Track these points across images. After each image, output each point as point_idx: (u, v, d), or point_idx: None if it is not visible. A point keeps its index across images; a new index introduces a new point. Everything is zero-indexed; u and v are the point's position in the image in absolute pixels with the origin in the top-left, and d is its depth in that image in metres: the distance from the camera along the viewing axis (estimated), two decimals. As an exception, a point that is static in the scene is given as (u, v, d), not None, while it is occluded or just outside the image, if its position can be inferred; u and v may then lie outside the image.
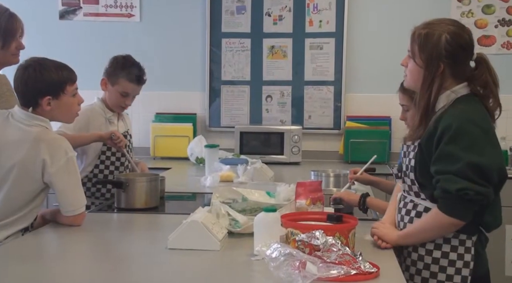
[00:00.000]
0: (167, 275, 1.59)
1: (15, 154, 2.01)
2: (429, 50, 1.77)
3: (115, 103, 2.82)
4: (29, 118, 2.05)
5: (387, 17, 4.18)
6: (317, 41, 4.21)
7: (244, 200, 2.23)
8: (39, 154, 2.00)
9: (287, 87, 4.26)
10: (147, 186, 2.41)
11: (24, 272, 1.60)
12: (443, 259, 1.77)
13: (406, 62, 1.87)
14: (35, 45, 2.77)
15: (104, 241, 1.99)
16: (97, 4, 4.30)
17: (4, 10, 2.35)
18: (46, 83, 2.06)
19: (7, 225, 2.01)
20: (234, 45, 4.27)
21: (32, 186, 2.03)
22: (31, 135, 2.02)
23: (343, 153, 4.08)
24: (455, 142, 1.69)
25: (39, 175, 2.01)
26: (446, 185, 1.67)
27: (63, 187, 2.03)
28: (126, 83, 2.78)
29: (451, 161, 1.68)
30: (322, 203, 2.05)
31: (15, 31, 2.34)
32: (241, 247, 1.79)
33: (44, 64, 2.09)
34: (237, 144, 3.99)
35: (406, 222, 1.84)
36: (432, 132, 1.74)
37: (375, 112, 4.15)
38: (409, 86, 1.91)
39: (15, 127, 2.04)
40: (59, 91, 2.09)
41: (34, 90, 2.06)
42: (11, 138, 2.02)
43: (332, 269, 1.45)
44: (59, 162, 2.01)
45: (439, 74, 1.77)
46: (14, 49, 2.36)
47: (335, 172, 2.88)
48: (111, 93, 2.80)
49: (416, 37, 1.80)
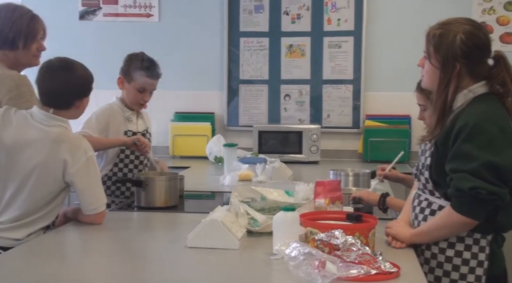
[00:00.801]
0: (186, 274, 1.59)
1: (36, 155, 2.03)
2: (444, 51, 1.76)
3: (133, 100, 2.83)
4: (49, 119, 2.07)
5: (407, 14, 4.14)
6: (336, 40, 4.19)
7: (263, 199, 2.23)
8: (60, 154, 2.03)
9: (306, 86, 4.25)
10: (166, 184, 2.42)
11: (45, 269, 1.62)
12: (456, 257, 1.75)
13: (422, 63, 1.86)
14: (55, 45, 2.80)
15: (124, 239, 2.00)
16: (116, 4, 4.33)
17: (27, 11, 2.37)
18: (84, 85, 2.13)
19: (29, 223, 2.03)
20: (252, 44, 4.27)
21: (53, 185, 2.06)
22: (51, 136, 2.05)
23: (362, 152, 4.06)
24: (471, 140, 1.67)
25: (60, 175, 2.04)
26: (459, 183, 1.66)
27: (84, 186, 2.05)
28: (142, 78, 2.80)
29: (467, 159, 1.66)
30: (341, 202, 2.04)
31: (36, 32, 2.37)
32: (260, 246, 1.79)
33: (81, 66, 2.13)
34: (256, 143, 3.99)
35: (420, 220, 1.83)
36: (448, 131, 1.73)
37: (394, 111, 4.12)
38: (426, 87, 1.89)
39: (35, 128, 2.06)
40: (87, 93, 2.15)
41: (74, 91, 2.09)
42: (32, 139, 2.04)
43: (352, 269, 1.45)
44: (79, 161, 2.04)
45: (455, 75, 1.76)
46: (35, 50, 2.38)
47: (354, 171, 2.86)
48: (129, 91, 2.83)
49: (431, 38, 1.79)
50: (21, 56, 2.35)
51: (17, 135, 2.05)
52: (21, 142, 2.04)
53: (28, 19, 2.35)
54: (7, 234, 2.00)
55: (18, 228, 2.02)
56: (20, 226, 2.02)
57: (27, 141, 2.04)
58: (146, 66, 2.80)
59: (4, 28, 2.31)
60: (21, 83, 2.28)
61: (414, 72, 2.65)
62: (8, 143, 2.04)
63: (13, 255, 1.76)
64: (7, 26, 2.30)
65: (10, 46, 2.32)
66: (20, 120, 2.07)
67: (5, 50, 2.33)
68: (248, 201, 2.20)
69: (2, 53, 2.34)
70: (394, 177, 2.60)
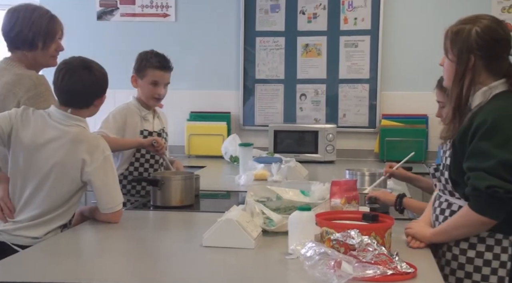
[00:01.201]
0: (202, 273, 1.60)
1: (55, 154, 2.04)
2: (459, 44, 1.77)
3: (149, 96, 2.85)
4: (67, 118, 2.08)
5: (425, 13, 4.11)
6: (352, 39, 4.17)
7: (278, 198, 2.23)
8: (78, 153, 2.04)
9: (321, 86, 4.23)
10: (182, 184, 2.43)
11: (63, 267, 1.63)
12: (477, 258, 1.73)
13: (443, 62, 1.86)
14: (74, 46, 2.82)
15: (140, 238, 2.01)
16: (134, 4, 4.36)
17: (45, 12, 2.40)
18: (103, 84, 2.14)
19: (47, 221, 2.05)
20: (268, 44, 4.26)
21: (71, 184, 2.08)
22: (70, 135, 2.06)
23: (379, 152, 4.03)
24: (488, 138, 1.65)
25: (78, 174, 2.05)
26: (476, 182, 1.64)
27: (101, 185, 2.06)
28: (153, 71, 2.82)
29: (484, 157, 1.64)
30: (357, 202, 2.03)
31: (55, 33, 2.39)
32: (276, 245, 1.79)
33: (97, 65, 2.15)
34: (271, 143, 3.98)
35: (440, 221, 1.82)
36: (466, 130, 1.72)
37: (411, 111, 4.09)
38: (447, 86, 1.88)
39: (54, 128, 2.07)
40: (105, 92, 2.17)
41: (94, 91, 2.11)
42: (51, 139, 2.06)
43: (368, 269, 1.44)
44: (97, 160, 2.05)
45: (470, 68, 1.75)
46: (54, 51, 2.40)
47: (370, 171, 2.84)
48: (143, 87, 2.85)
49: (449, 34, 1.81)
50: (39, 56, 2.37)
51: (36, 135, 2.06)
52: (39, 141, 2.05)
53: (47, 20, 2.37)
54: (25, 233, 2.02)
55: (36, 227, 2.04)
56: (38, 224, 2.04)
57: (45, 141, 2.06)
58: (156, 60, 2.83)
59: (23, 28, 2.33)
60: (39, 83, 2.30)
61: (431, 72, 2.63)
62: (26, 142, 2.06)
63: (32, 254, 1.78)
64: (27, 27, 2.32)
65: (30, 46, 2.34)
66: (38, 120, 2.09)
67: (24, 50, 2.35)
68: (263, 201, 2.20)
69: (21, 54, 2.36)
70: (401, 176, 2.59)
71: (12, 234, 2.01)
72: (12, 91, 2.27)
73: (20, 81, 2.28)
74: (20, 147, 2.06)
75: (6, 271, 1.60)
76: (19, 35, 2.33)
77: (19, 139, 2.06)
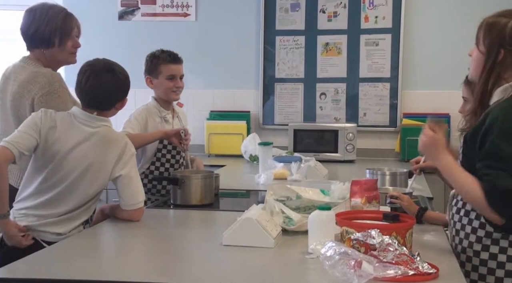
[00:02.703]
0: (222, 271, 1.60)
1: (86, 156, 2.06)
2: (492, 36, 1.73)
3: (167, 91, 2.86)
4: (93, 120, 2.10)
5: (447, 10, 4.06)
6: (373, 37, 4.14)
7: (298, 197, 2.22)
8: (109, 153, 2.07)
9: (342, 85, 4.21)
10: (202, 183, 2.44)
11: (85, 265, 1.65)
12: (501, 254, 1.70)
13: (472, 52, 1.83)
14: (96, 45, 2.86)
15: (160, 236, 2.03)
16: (154, 4, 4.39)
17: (61, 9, 2.43)
18: (127, 86, 2.17)
19: (71, 218, 2.08)
20: (288, 43, 4.26)
21: (101, 184, 2.10)
22: (97, 136, 2.09)
23: (400, 151, 4.00)
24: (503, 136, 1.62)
25: (107, 173, 2.08)
26: (497, 180, 1.61)
27: (126, 182, 2.09)
28: (167, 66, 2.84)
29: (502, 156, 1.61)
30: (378, 202, 2.01)
31: (71, 29, 2.41)
32: (295, 245, 1.78)
33: (120, 67, 2.16)
34: (291, 142, 3.98)
35: (456, 220, 1.80)
36: (479, 126, 1.69)
37: (433, 110, 4.04)
38: (472, 77, 1.85)
39: (81, 130, 2.09)
40: (127, 93, 2.19)
41: (118, 93, 2.14)
42: (79, 140, 2.07)
43: (389, 269, 1.42)
44: (125, 158, 2.09)
45: (499, 62, 1.72)
46: (71, 47, 2.43)
47: (391, 170, 2.81)
48: (159, 85, 2.87)
49: (484, 25, 1.78)
50: (57, 53, 2.41)
51: (64, 137, 2.07)
52: (68, 143, 2.06)
53: (62, 17, 2.40)
54: (50, 229, 2.05)
55: (62, 223, 2.06)
56: (63, 220, 2.06)
57: (75, 143, 2.07)
58: (166, 55, 2.86)
59: (39, 26, 2.36)
60: (53, 80, 2.33)
61: (453, 70, 2.60)
62: (55, 143, 2.06)
63: (56, 250, 1.80)
64: (43, 25, 2.36)
65: (47, 44, 2.37)
66: (64, 122, 2.09)
67: (42, 48, 2.39)
68: (283, 200, 2.19)
69: (39, 52, 2.40)
70: (431, 168, 2.53)
71: (38, 229, 2.04)
72: (27, 89, 2.30)
73: (35, 79, 2.31)
74: (47, 148, 2.06)
75: (31, 268, 1.62)
76: (36, 33, 2.37)
77: (46, 140, 2.06)
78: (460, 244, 1.77)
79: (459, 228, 1.79)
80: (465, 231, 1.76)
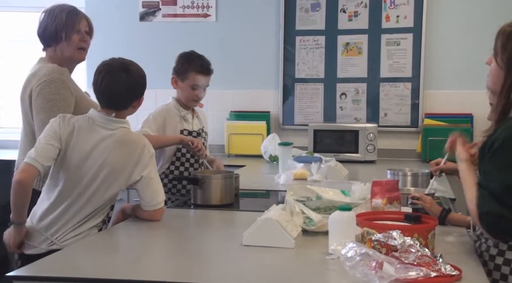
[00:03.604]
0: (242, 271, 1.60)
1: (103, 158, 2.06)
2: (511, 49, 1.66)
3: (188, 98, 2.88)
4: (111, 122, 2.10)
5: (470, 9, 4.01)
6: (394, 37, 4.10)
7: (318, 198, 2.21)
8: (127, 154, 2.07)
9: (362, 85, 4.18)
10: (222, 183, 2.44)
11: (105, 263, 1.67)
12: (504, 266, 1.68)
13: (490, 61, 1.76)
14: (117, 46, 2.88)
15: (181, 236, 2.03)
16: (175, 5, 4.42)
17: (68, 7, 2.50)
18: (143, 84, 2.16)
19: (88, 220, 2.08)
20: (308, 43, 4.24)
21: (119, 186, 2.09)
22: (115, 138, 2.08)
23: (421, 152, 3.96)
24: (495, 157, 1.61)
25: (127, 174, 2.07)
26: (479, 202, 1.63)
27: (146, 182, 2.09)
28: (194, 75, 2.84)
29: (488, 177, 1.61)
30: (399, 203, 1.99)
31: (74, 22, 2.46)
32: (316, 245, 1.77)
33: (136, 65, 2.16)
34: (311, 142, 3.96)
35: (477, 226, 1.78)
36: (487, 140, 1.67)
37: (455, 110, 3.99)
38: (489, 88, 1.78)
39: (99, 132, 2.08)
40: (144, 92, 2.18)
41: (134, 92, 2.13)
42: (97, 143, 2.07)
43: (411, 271, 1.41)
44: (144, 159, 2.08)
45: None
46: (78, 41, 2.47)
47: (413, 171, 2.78)
48: (183, 89, 2.88)
49: (501, 35, 1.70)
50: (65, 49, 2.46)
51: (82, 141, 2.07)
52: (86, 146, 2.07)
53: (67, 11, 2.47)
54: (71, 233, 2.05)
55: (80, 227, 2.06)
56: (81, 225, 2.06)
57: (92, 145, 2.07)
58: (197, 64, 2.85)
59: (48, 23, 2.45)
60: (52, 71, 2.38)
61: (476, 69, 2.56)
62: (74, 148, 2.06)
63: (75, 250, 1.82)
64: (50, 21, 2.44)
65: (55, 40, 2.44)
66: (82, 126, 2.09)
67: (52, 45, 2.46)
68: (303, 200, 2.19)
69: (51, 51, 2.47)
70: (451, 169, 2.50)
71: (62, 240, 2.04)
72: (29, 81, 2.40)
73: (38, 72, 2.40)
74: (69, 154, 2.06)
75: (52, 266, 1.64)
76: (46, 31, 2.45)
77: (69, 148, 2.07)
78: (479, 248, 1.76)
79: (479, 234, 1.77)
80: (485, 236, 1.74)
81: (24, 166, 2.01)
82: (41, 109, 2.32)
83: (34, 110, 2.35)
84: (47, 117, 2.20)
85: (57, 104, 2.31)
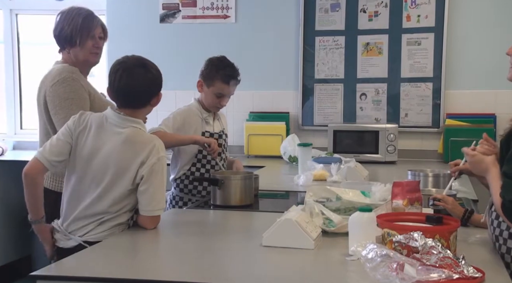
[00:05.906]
0: (262, 272, 1.60)
1: (110, 157, 2.04)
2: None
3: (211, 104, 2.89)
4: (123, 121, 2.07)
5: (492, 8, 3.95)
6: (415, 37, 4.06)
7: (338, 199, 2.20)
8: (134, 154, 2.03)
9: (383, 85, 4.15)
10: (242, 183, 2.44)
11: (126, 264, 1.69)
12: None
13: (511, 51, 1.76)
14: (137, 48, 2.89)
15: (201, 236, 2.03)
16: (195, 7, 4.44)
17: (85, 11, 2.53)
18: (160, 82, 2.14)
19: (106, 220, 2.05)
20: (327, 43, 4.23)
21: (125, 186, 2.04)
22: (122, 137, 2.05)
23: (443, 152, 3.91)
24: None
25: (131, 175, 2.02)
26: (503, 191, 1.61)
27: (148, 185, 2.02)
28: (221, 84, 2.83)
29: None
30: (421, 204, 1.97)
31: (90, 28, 2.50)
32: (336, 246, 1.76)
33: (151, 63, 2.13)
34: (330, 143, 3.94)
35: (495, 226, 1.76)
36: (510, 131, 1.63)
37: (478, 110, 3.94)
38: (510, 80, 1.78)
39: (109, 131, 2.07)
40: (161, 89, 2.15)
41: (151, 89, 2.10)
42: (106, 142, 2.06)
43: (432, 273, 1.39)
44: (151, 161, 2.02)
45: None
46: (91, 47, 2.51)
47: (434, 172, 2.75)
48: (207, 94, 2.87)
49: None
50: (78, 52, 2.50)
51: (92, 139, 2.07)
52: (95, 145, 2.06)
53: (83, 16, 2.50)
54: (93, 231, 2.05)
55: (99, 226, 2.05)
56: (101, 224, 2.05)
57: (101, 144, 2.06)
58: (226, 73, 2.83)
59: (64, 26, 2.49)
60: (63, 71, 2.43)
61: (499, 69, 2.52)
62: (84, 146, 2.07)
63: (98, 250, 1.84)
64: (66, 24, 2.48)
65: (70, 43, 2.49)
66: (95, 124, 2.09)
67: (67, 48, 2.51)
68: (323, 201, 2.18)
69: (66, 53, 2.52)
70: (469, 170, 2.46)
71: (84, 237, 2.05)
72: (43, 82, 2.46)
73: (50, 72, 2.46)
74: (79, 151, 2.07)
75: (75, 266, 1.67)
76: (62, 33, 2.50)
77: (79, 146, 2.07)
78: (499, 249, 1.73)
79: (498, 234, 1.75)
80: (503, 237, 1.72)
81: (30, 160, 2.06)
82: (60, 108, 2.38)
83: (53, 110, 2.40)
84: (67, 115, 2.23)
85: (75, 102, 2.38)
